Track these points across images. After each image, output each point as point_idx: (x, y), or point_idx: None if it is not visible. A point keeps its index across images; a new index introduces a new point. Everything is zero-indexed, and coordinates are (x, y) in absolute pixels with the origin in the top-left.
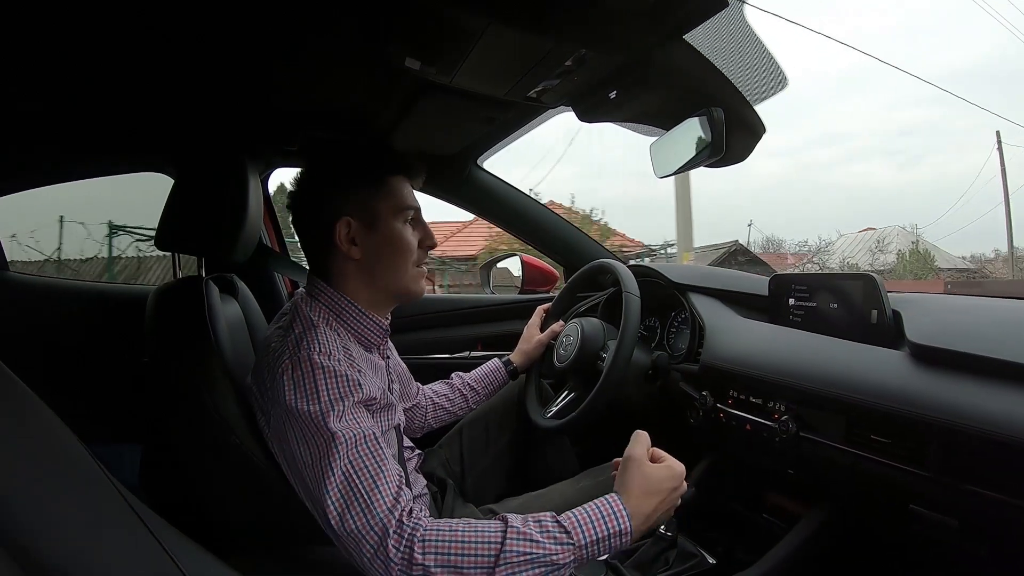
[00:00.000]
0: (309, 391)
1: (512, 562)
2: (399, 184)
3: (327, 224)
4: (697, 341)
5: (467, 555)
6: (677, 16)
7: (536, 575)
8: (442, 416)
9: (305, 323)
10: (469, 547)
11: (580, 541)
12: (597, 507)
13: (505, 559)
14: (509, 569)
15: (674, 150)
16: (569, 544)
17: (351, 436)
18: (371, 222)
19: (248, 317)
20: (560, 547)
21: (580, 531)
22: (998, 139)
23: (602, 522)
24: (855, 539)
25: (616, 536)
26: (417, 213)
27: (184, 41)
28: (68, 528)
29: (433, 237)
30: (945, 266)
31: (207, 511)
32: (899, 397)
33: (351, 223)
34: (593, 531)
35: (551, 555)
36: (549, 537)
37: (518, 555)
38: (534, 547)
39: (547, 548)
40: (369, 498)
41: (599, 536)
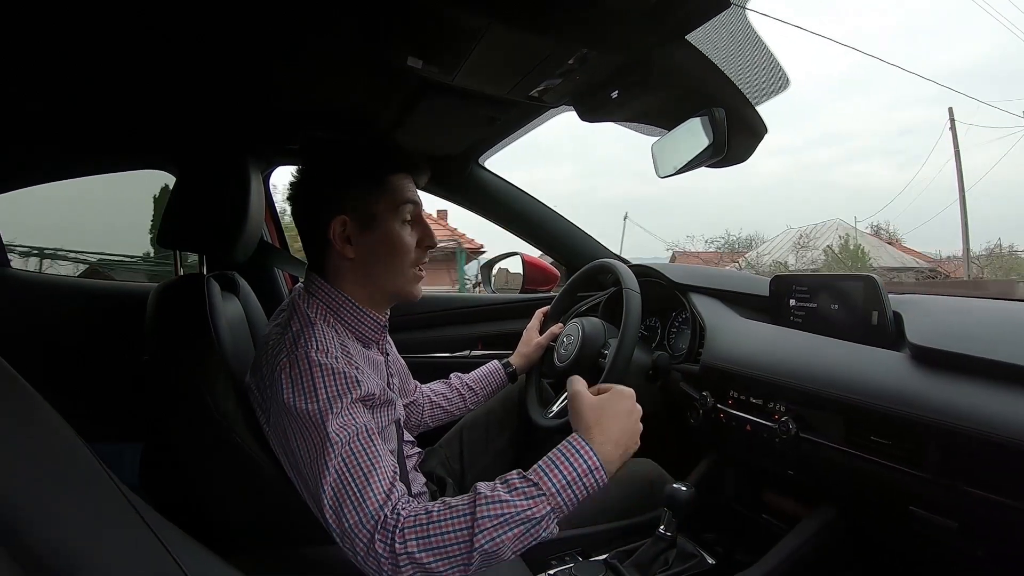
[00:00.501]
0: (307, 389)
1: (487, 527)
2: (400, 181)
3: (323, 222)
4: (698, 341)
5: (445, 532)
6: (678, 16)
7: (517, 534)
8: (439, 415)
9: (303, 320)
10: (445, 524)
11: (550, 488)
12: (559, 451)
13: (480, 526)
14: (487, 535)
15: (676, 150)
16: (540, 495)
17: (346, 433)
18: (368, 222)
19: (249, 315)
20: (531, 500)
21: (548, 479)
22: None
23: (567, 464)
24: (855, 540)
25: (587, 474)
26: (417, 209)
27: (186, 40)
28: (69, 526)
29: (433, 237)
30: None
31: (208, 510)
32: (899, 398)
33: (347, 222)
34: (561, 475)
35: (524, 511)
36: (519, 494)
37: (491, 519)
38: (505, 507)
39: (518, 505)
40: (361, 495)
41: (568, 479)
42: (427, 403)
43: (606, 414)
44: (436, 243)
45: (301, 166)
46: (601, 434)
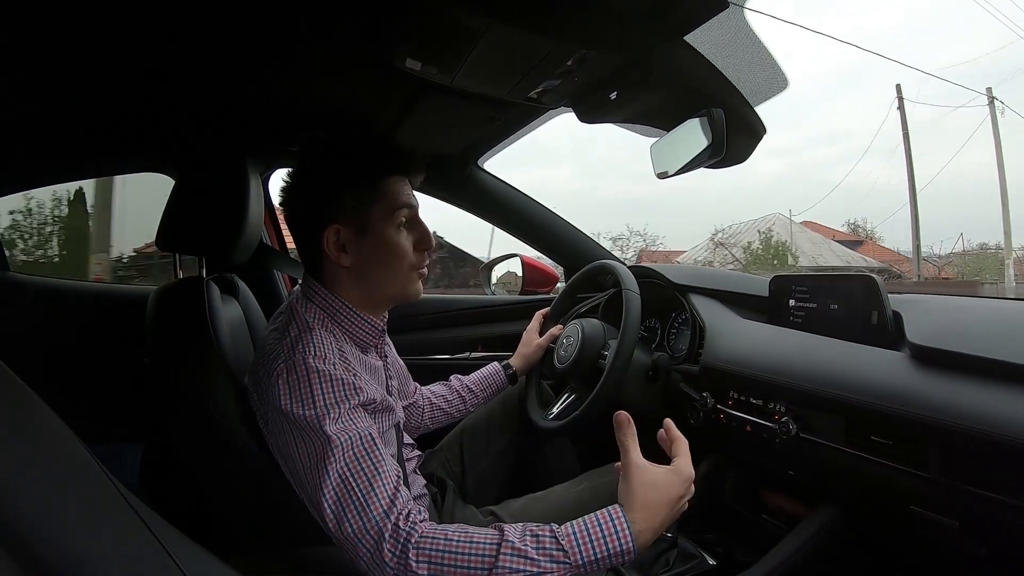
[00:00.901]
0: (304, 395)
1: (510, 568)
2: (395, 185)
3: (316, 231)
4: (697, 342)
5: (460, 566)
6: (677, 17)
7: None
8: (439, 417)
9: (301, 325)
10: (463, 558)
11: (577, 560)
12: (599, 523)
13: (499, 573)
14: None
15: (674, 151)
16: (565, 563)
17: (347, 439)
18: (362, 228)
19: (249, 317)
20: (555, 565)
21: (578, 550)
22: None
23: (602, 542)
24: (856, 540)
25: (616, 556)
26: (413, 212)
27: (185, 42)
28: (69, 528)
29: (430, 239)
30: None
31: (208, 511)
32: (899, 398)
33: (340, 231)
34: (592, 551)
35: (545, 573)
36: (545, 555)
37: (511, 571)
38: (528, 564)
39: (542, 567)
40: (365, 501)
41: (598, 556)
42: (427, 405)
43: (659, 500)
44: (433, 245)
45: (293, 170)
46: (645, 521)
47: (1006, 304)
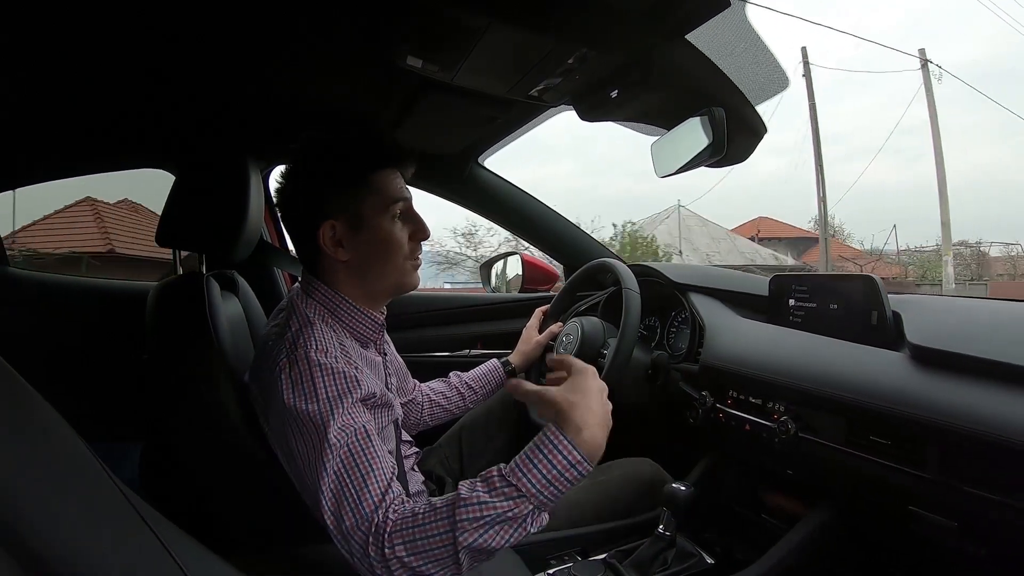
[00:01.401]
0: (307, 389)
1: (468, 529)
2: (386, 178)
3: (311, 228)
4: (697, 341)
5: (429, 536)
6: (678, 16)
7: (503, 532)
8: (439, 414)
9: (302, 320)
10: (428, 527)
11: (530, 489)
12: (537, 447)
13: (461, 528)
14: (469, 536)
15: (675, 150)
16: (519, 495)
17: (345, 434)
18: (357, 223)
19: (249, 314)
20: (512, 501)
21: (526, 480)
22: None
23: (545, 462)
24: (854, 540)
25: (568, 468)
26: (407, 205)
27: (186, 39)
28: (69, 526)
29: (426, 229)
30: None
31: (208, 509)
32: (898, 398)
33: (335, 226)
34: (539, 474)
35: (506, 511)
36: (498, 495)
37: (471, 521)
38: (485, 509)
39: (499, 506)
40: (359, 496)
41: (549, 477)
42: (426, 402)
43: (580, 396)
44: (429, 235)
45: (286, 168)
46: (581, 418)
47: (1005, 305)
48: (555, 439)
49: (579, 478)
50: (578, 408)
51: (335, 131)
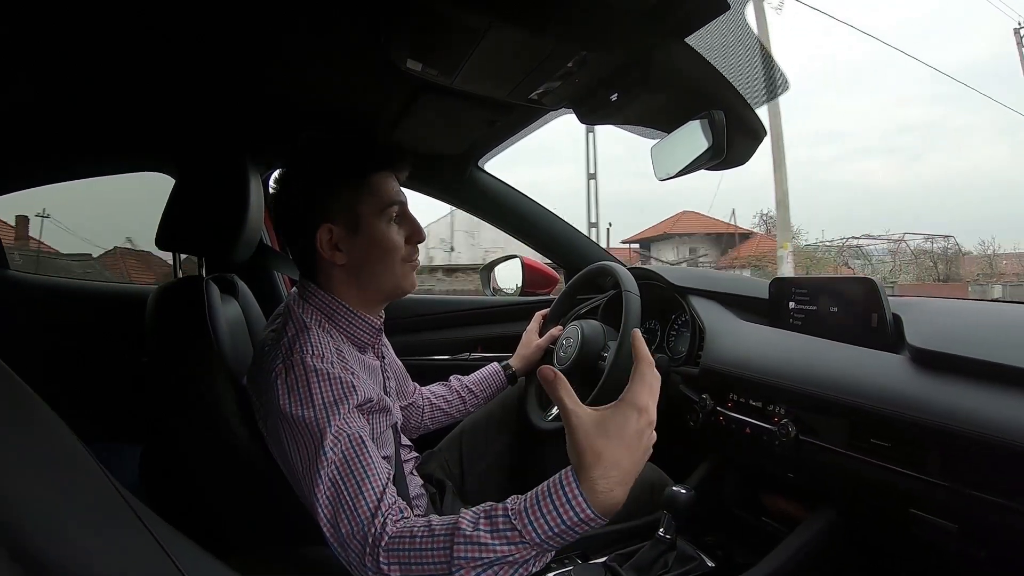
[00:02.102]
0: (303, 395)
1: (466, 567)
2: (382, 181)
3: (308, 231)
4: (697, 344)
5: (424, 562)
6: (678, 18)
7: (501, 572)
8: (439, 418)
9: (298, 325)
10: (424, 554)
11: (534, 539)
12: (549, 495)
13: (457, 564)
14: (467, 573)
15: (675, 152)
16: (521, 543)
17: (340, 441)
18: (353, 226)
19: (248, 317)
20: (511, 547)
21: (532, 529)
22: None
23: (555, 514)
24: (855, 543)
25: (577, 525)
26: (403, 208)
27: (185, 41)
28: (68, 528)
29: (421, 232)
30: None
31: (207, 511)
32: (899, 401)
33: (332, 230)
34: (547, 526)
35: (506, 556)
36: (500, 537)
37: (468, 560)
38: (484, 551)
39: (499, 550)
40: (354, 504)
41: (556, 530)
42: (427, 405)
43: (611, 444)
44: (424, 238)
45: (281, 173)
46: (604, 474)
47: (1006, 307)
48: (569, 492)
49: (588, 530)
50: (603, 461)
51: (330, 133)
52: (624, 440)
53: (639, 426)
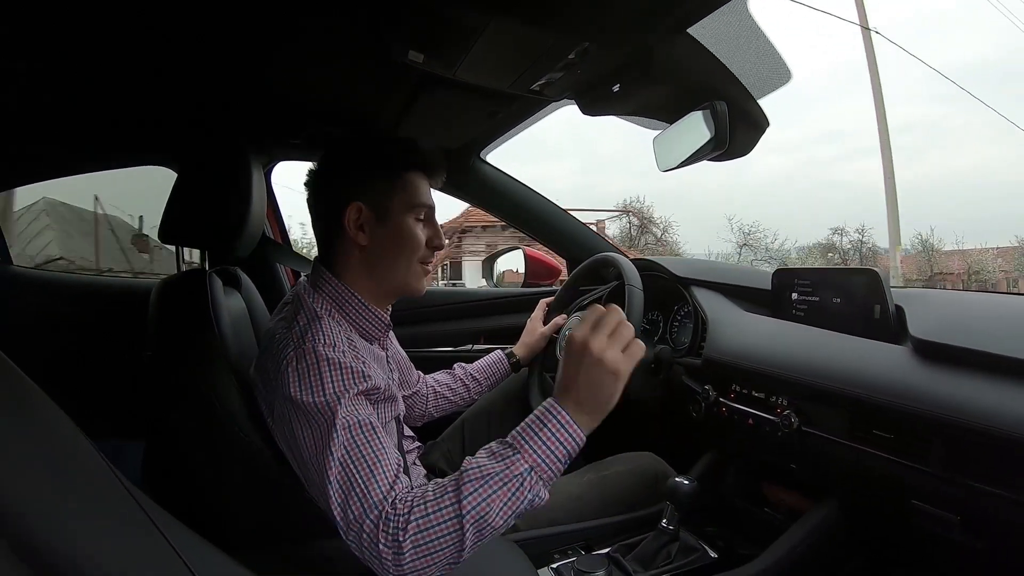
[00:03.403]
0: (314, 383)
1: (472, 492)
2: (417, 181)
3: (339, 207)
4: (700, 335)
5: (440, 509)
6: (681, 9)
7: (502, 495)
8: (443, 405)
9: (310, 314)
10: (439, 501)
11: (523, 444)
12: (535, 417)
13: (465, 490)
14: (472, 500)
15: (677, 144)
16: (516, 453)
17: (351, 425)
18: (382, 214)
19: (251, 310)
20: (507, 460)
21: (521, 438)
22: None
23: (539, 423)
24: (856, 534)
25: (561, 429)
26: (430, 212)
27: (186, 35)
28: (74, 524)
29: (442, 237)
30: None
31: (212, 506)
32: (902, 392)
33: (362, 209)
34: (532, 433)
35: (504, 469)
36: (495, 456)
37: (473, 483)
38: (484, 469)
39: (496, 466)
40: (366, 486)
41: (542, 436)
42: (431, 393)
43: (584, 379)
44: (444, 244)
45: (323, 156)
46: (575, 399)
47: (1009, 299)
48: (554, 411)
49: (572, 443)
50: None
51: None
52: (578, 379)
53: (588, 362)
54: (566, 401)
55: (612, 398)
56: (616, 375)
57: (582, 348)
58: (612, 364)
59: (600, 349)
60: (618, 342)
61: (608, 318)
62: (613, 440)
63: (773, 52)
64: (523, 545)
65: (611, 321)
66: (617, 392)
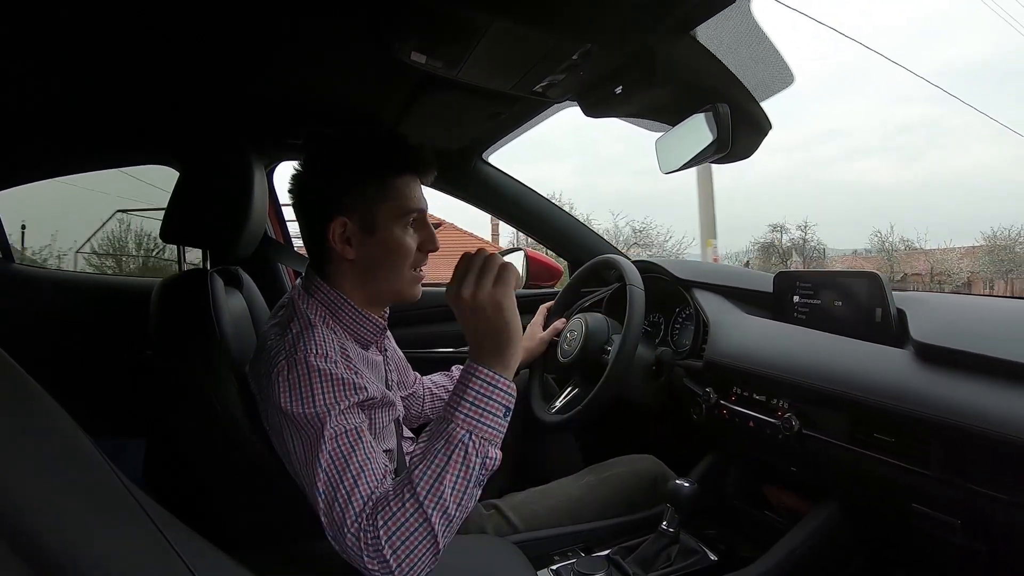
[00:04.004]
0: (304, 394)
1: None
2: (405, 185)
3: (322, 222)
4: (701, 337)
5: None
6: (683, 11)
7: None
8: (439, 407)
9: (303, 322)
10: (399, 498)
11: (451, 410)
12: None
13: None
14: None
15: (680, 146)
16: (448, 421)
17: (339, 435)
18: (369, 226)
19: (253, 310)
20: (444, 433)
21: (449, 405)
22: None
23: (460, 385)
24: (857, 537)
25: (473, 378)
26: (421, 215)
27: (188, 35)
28: (74, 523)
29: (435, 240)
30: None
31: (212, 505)
32: (902, 396)
33: (347, 224)
34: (456, 395)
35: (444, 445)
36: (433, 435)
37: (422, 470)
38: (427, 452)
39: (435, 445)
40: (349, 494)
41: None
42: (427, 395)
43: (478, 330)
44: (438, 247)
45: (303, 161)
46: (482, 349)
47: (1010, 303)
48: (467, 368)
49: (500, 392)
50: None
51: (357, 130)
52: (474, 331)
53: (470, 311)
54: (477, 356)
55: (510, 331)
56: (498, 308)
57: (456, 300)
58: (489, 300)
59: (470, 294)
60: (487, 279)
61: (471, 263)
62: (613, 442)
63: (776, 54)
64: (523, 547)
65: (474, 265)
66: (511, 323)
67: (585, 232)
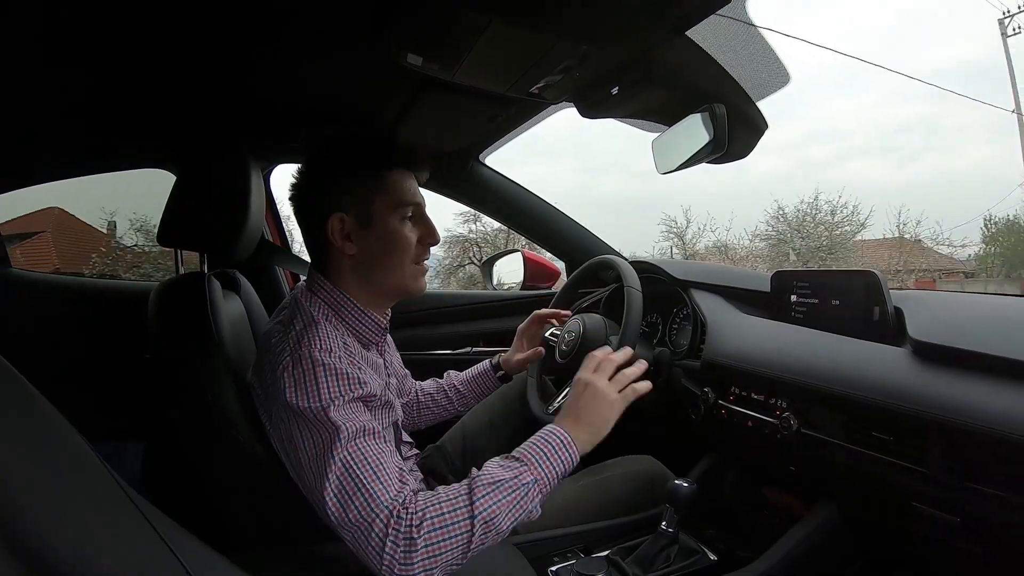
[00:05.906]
0: (310, 388)
1: (483, 495)
2: (400, 179)
3: (321, 219)
4: (699, 337)
5: (454, 509)
6: (679, 12)
7: (510, 501)
8: (425, 416)
9: (306, 319)
10: (452, 501)
11: (529, 457)
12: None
13: (477, 493)
14: (485, 502)
15: (676, 146)
16: (523, 465)
17: (352, 428)
18: (367, 220)
19: (250, 313)
20: (516, 469)
21: (527, 451)
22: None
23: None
24: (856, 536)
25: (561, 447)
26: (418, 209)
27: (185, 38)
28: (71, 525)
29: (435, 233)
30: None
31: (210, 508)
32: (901, 394)
33: (345, 219)
34: (537, 448)
35: (513, 478)
36: (505, 467)
37: (485, 486)
38: (496, 475)
39: (506, 474)
40: (371, 488)
41: (545, 450)
42: (416, 403)
43: (584, 411)
44: (439, 240)
45: (302, 164)
46: (575, 426)
47: (1007, 300)
48: (555, 430)
49: (571, 462)
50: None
51: (352, 130)
52: (578, 411)
53: (588, 395)
54: (571, 428)
55: (608, 428)
56: (614, 407)
57: (589, 380)
58: (619, 397)
59: (604, 385)
60: (626, 379)
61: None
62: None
63: (771, 55)
64: (523, 548)
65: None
66: (611, 423)
67: (582, 233)
